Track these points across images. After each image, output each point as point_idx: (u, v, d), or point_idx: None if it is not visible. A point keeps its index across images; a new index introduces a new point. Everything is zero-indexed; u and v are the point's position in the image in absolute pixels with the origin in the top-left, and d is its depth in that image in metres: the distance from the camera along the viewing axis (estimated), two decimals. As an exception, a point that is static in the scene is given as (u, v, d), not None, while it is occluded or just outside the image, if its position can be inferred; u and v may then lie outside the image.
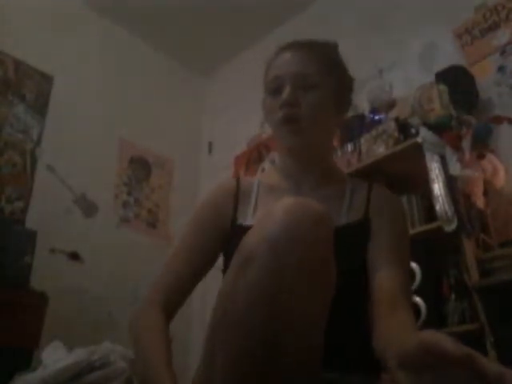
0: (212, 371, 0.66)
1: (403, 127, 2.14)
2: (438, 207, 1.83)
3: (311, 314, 0.66)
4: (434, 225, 1.87)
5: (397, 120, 2.20)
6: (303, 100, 0.92)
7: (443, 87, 2.10)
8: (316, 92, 0.93)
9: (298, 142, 0.95)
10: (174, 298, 0.92)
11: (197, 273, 0.95)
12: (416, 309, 1.80)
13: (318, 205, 0.69)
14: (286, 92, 0.92)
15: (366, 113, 2.48)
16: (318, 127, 0.95)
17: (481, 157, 1.98)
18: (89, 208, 2.82)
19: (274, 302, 0.63)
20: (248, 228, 0.85)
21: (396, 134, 2.13)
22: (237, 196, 0.99)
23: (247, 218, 0.94)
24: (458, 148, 1.94)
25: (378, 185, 1.00)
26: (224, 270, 0.90)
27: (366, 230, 0.91)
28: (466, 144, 1.96)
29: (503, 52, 2.27)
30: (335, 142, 2.43)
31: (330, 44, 1.05)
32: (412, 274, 1.86)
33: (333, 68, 0.98)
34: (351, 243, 0.87)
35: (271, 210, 0.68)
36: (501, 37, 2.30)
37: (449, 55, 2.42)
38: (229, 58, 3.59)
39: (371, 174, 2.13)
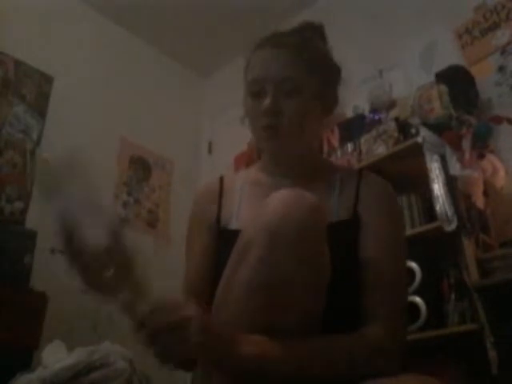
0: None
1: (403, 127, 2.14)
2: (438, 207, 1.83)
3: (307, 300, 0.69)
4: (433, 225, 1.87)
5: (397, 120, 2.20)
6: (286, 107, 0.87)
7: (443, 87, 2.10)
8: (300, 97, 0.88)
9: (278, 148, 0.92)
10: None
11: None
12: (416, 309, 1.80)
13: (311, 195, 0.73)
14: (269, 99, 0.87)
15: (366, 113, 2.48)
16: (301, 133, 0.91)
17: (481, 157, 1.98)
18: (89, 208, 2.82)
19: (272, 287, 0.66)
20: (233, 232, 0.87)
21: (396, 134, 2.13)
22: (220, 196, 0.99)
23: (232, 221, 0.94)
24: (458, 148, 1.94)
25: (367, 174, 0.97)
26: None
27: (355, 227, 0.87)
28: (465, 144, 1.96)
29: (503, 52, 2.27)
30: (333, 141, 2.43)
31: (315, 34, 0.98)
32: (412, 274, 1.86)
33: (319, 67, 0.92)
34: (340, 242, 0.83)
35: (269, 200, 0.72)
36: (501, 37, 2.30)
37: (449, 55, 2.42)
38: (229, 58, 3.59)
39: (371, 174, 2.13)
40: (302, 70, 0.88)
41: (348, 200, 0.91)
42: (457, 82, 2.17)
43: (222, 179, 1.04)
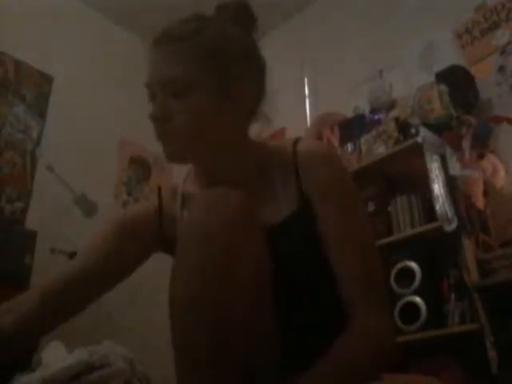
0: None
1: (403, 127, 2.14)
2: (437, 207, 1.83)
3: (251, 300, 0.68)
4: (433, 225, 1.87)
5: (397, 120, 2.20)
6: (176, 110, 0.78)
7: (443, 87, 2.10)
8: (189, 98, 0.78)
9: (172, 156, 0.83)
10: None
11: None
12: (416, 309, 1.80)
13: (235, 192, 0.72)
14: (155, 105, 0.80)
15: (366, 113, 2.48)
16: (198, 136, 0.80)
17: (481, 157, 1.98)
18: (89, 208, 2.82)
19: (211, 282, 0.66)
20: None
21: (396, 134, 2.13)
22: (160, 210, 0.92)
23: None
24: (458, 148, 1.94)
25: (301, 147, 0.84)
26: None
27: (307, 214, 0.80)
28: (465, 144, 1.96)
29: (503, 52, 2.27)
30: (333, 141, 2.43)
31: (219, 18, 0.85)
32: (412, 273, 1.86)
33: (207, 59, 0.79)
34: (298, 236, 0.79)
35: (194, 205, 0.74)
36: (501, 37, 2.30)
37: (449, 55, 2.42)
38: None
39: (371, 174, 2.13)
40: (190, 65, 0.78)
41: (292, 189, 0.82)
42: (457, 82, 2.17)
43: (159, 191, 0.97)
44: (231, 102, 0.81)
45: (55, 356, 1.50)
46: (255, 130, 0.94)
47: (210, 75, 0.79)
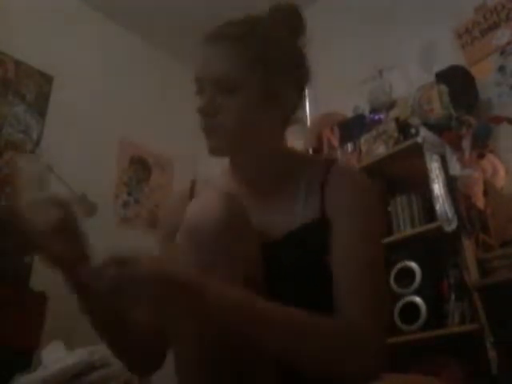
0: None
1: (403, 127, 2.14)
2: (437, 207, 1.83)
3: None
4: (433, 225, 1.87)
5: (397, 120, 2.20)
6: (224, 107, 0.81)
7: (443, 87, 2.10)
8: (237, 96, 0.80)
9: (215, 151, 0.86)
10: None
11: None
12: (416, 309, 1.80)
13: (230, 195, 0.76)
14: (203, 99, 0.83)
15: (366, 113, 2.48)
16: (243, 134, 0.83)
17: (481, 157, 1.98)
18: (89, 208, 2.82)
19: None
20: None
21: (396, 134, 2.13)
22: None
23: None
24: (458, 148, 1.94)
25: (335, 168, 0.86)
26: None
27: (323, 228, 0.80)
28: (465, 144, 1.96)
29: (503, 52, 2.27)
30: (333, 141, 2.43)
31: (260, 25, 0.87)
32: (412, 273, 1.86)
33: (258, 60, 0.82)
34: (309, 245, 0.80)
35: (192, 203, 0.78)
36: (501, 37, 2.30)
37: (449, 55, 2.42)
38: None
39: (371, 174, 2.13)
40: (242, 65, 0.80)
41: (315, 200, 0.84)
42: (457, 82, 2.17)
43: (193, 184, 0.98)
44: (275, 106, 0.84)
45: (55, 356, 1.51)
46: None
47: (258, 77, 0.81)
